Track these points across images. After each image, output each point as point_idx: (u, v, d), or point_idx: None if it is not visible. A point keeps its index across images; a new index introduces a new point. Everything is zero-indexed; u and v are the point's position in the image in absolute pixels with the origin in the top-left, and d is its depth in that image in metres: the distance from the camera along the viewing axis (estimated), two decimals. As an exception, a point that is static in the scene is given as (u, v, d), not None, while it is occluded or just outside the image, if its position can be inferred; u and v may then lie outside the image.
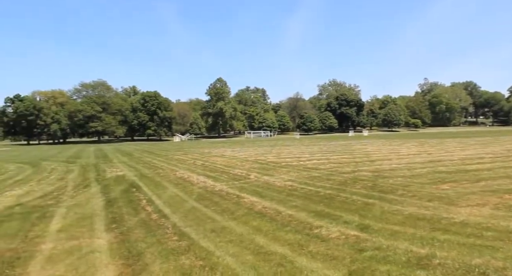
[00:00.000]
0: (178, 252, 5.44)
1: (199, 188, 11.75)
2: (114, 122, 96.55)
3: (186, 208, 8.79)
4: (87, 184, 13.68)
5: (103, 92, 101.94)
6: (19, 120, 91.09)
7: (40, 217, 8.24)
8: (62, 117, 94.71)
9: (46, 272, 4.83)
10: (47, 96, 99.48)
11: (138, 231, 6.75)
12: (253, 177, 14.00)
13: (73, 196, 11.19)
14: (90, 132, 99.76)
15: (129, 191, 11.75)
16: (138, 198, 10.36)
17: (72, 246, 5.97)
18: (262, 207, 8.51)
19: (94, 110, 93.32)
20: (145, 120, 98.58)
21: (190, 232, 6.53)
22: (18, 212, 8.94)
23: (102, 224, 7.44)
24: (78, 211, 8.83)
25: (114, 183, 13.92)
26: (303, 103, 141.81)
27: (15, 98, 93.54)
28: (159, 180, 14.23)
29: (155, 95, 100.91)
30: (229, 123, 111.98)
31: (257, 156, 25.08)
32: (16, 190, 12.60)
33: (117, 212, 8.55)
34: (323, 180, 12.53)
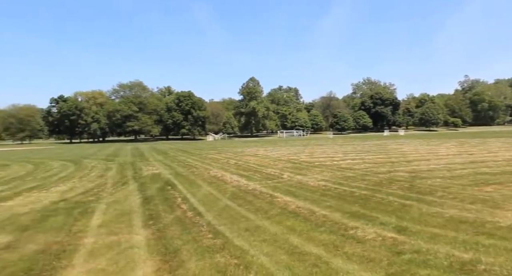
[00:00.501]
0: (213, 250, 5.50)
1: (232, 187, 11.84)
2: (150, 122, 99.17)
3: (220, 206, 8.88)
4: (125, 182, 14.12)
5: (139, 92, 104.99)
6: (62, 119, 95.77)
7: (82, 213, 8.59)
8: (101, 116, 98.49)
9: (89, 265, 5.03)
10: (87, 97, 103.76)
11: (174, 228, 6.88)
12: (286, 176, 13.95)
13: (112, 193, 11.59)
14: (127, 131, 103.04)
15: (165, 189, 12.01)
16: (173, 196, 10.57)
17: (112, 241, 6.18)
18: (295, 206, 8.46)
19: (131, 110, 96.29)
20: (179, 119, 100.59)
21: (225, 230, 6.58)
22: (63, 207, 9.36)
23: (140, 221, 7.65)
24: (117, 208, 9.13)
25: (150, 181, 14.28)
26: (337, 102, 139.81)
27: (59, 98, 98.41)
28: (194, 178, 14.46)
29: (189, 95, 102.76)
30: (261, 123, 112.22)
31: (290, 155, 24.96)
32: (61, 186, 13.22)
33: (154, 209, 8.76)
34: (357, 180, 12.29)
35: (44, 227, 7.31)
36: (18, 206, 9.68)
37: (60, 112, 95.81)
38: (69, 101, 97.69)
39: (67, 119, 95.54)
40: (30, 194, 11.63)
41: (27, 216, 8.39)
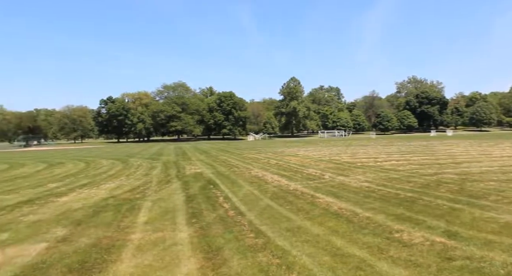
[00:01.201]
0: (255, 249, 5.53)
1: (273, 187, 11.84)
2: (192, 122, 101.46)
3: (261, 206, 8.91)
4: (168, 180, 14.54)
5: (182, 93, 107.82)
6: (111, 120, 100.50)
7: (129, 209, 8.95)
8: (146, 117, 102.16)
9: (136, 260, 5.23)
10: (134, 98, 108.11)
11: (216, 227, 6.99)
12: (328, 177, 13.75)
13: (157, 191, 11.98)
14: (171, 131, 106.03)
15: (207, 188, 12.24)
16: (215, 195, 10.74)
17: (157, 237, 6.39)
18: (338, 208, 8.32)
19: (174, 110, 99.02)
20: (220, 119, 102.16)
21: (266, 230, 6.60)
22: (112, 203, 9.81)
23: (183, 219, 7.84)
24: (161, 205, 9.42)
25: (193, 179, 14.60)
26: (380, 102, 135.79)
27: (108, 100, 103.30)
28: (235, 178, 14.62)
29: (230, 95, 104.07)
30: (302, 123, 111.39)
31: (331, 155, 24.59)
32: (109, 184, 13.86)
33: (197, 208, 8.95)
34: (402, 182, 11.87)
35: (95, 222, 7.69)
36: (72, 201, 10.26)
37: (109, 113, 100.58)
38: (117, 102, 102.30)
39: (115, 119, 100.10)
40: (82, 191, 12.29)
41: (80, 211, 8.86)
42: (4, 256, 5.53)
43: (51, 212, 8.83)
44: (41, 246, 5.97)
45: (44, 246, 5.97)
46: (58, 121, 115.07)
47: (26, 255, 5.52)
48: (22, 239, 6.46)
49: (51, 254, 5.57)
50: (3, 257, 5.46)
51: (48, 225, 7.51)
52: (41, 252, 5.69)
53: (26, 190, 12.89)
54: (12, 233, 6.88)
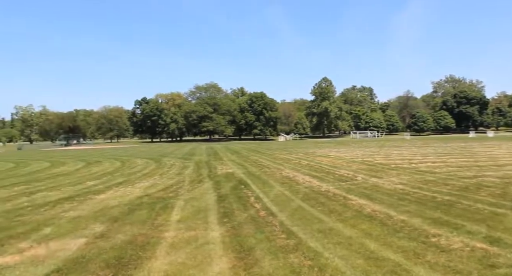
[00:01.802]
0: (287, 250, 5.51)
1: (305, 188, 11.76)
2: (223, 122, 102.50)
3: (292, 207, 8.87)
4: (200, 180, 14.75)
5: (214, 93, 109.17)
6: (145, 120, 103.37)
7: (163, 208, 9.16)
8: (179, 117, 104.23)
9: (170, 257, 5.34)
10: (167, 98, 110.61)
11: (247, 227, 7.02)
12: (360, 178, 13.50)
13: (189, 190, 12.18)
14: (202, 131, 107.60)
15: (238, 188, 12.31)
16: (246, 195, 10.79)
17: (190, 236, 6.49)
18: (371, 210, 8.14)
19: (206, 110, 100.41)
20: (251, 120, 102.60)
21: (298, 231, 6.56)
22: (146, 202, 10.08)
23: (215, 218, 7.93)
24: (194, 204, 9.57)
25: (225, 179, 14.74)
26: (415, 102, 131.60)
27: (142, 100, 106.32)
28: (266, 178, 14.63)
29: (261, 96, 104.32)
30: (334, 123, 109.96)
31: (364, 157, 24.11)
32: (144, 182, 14.24)
33: (228, 207, 9.03)
34: (439, 184, 11.46)
35: (131, 219, 7.92)
36: (108, 199, 10.63)
37: (143, 113, 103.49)
38: (151, 102, 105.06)
39: (149, 120, 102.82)
40: (118, 189, 12.70)
41: (116, 208, 9.16)
42: (48, 249, 5.81)
43: (89, 209, 9.18)
44: (80, 241, 6.22)
45: (83, 241, 6.22)
46: (95, 121, 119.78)
47: (67, 249, 5.77)
48: (63, 234, 6.75)
49: (90, 249, 5.79)
50: (46, 251, 5.74)
51: (87, 221, 7.82)
52: (81, 247, 5.93)
53: (66, 187, 13.48)
54: (55, 228, 7.22)
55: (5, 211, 9.15)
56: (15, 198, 11.23)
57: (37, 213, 8.76)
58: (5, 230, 7.12)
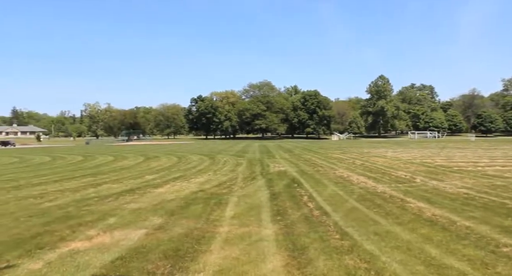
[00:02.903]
0: (341, 252, 5.40)
1: (359, 188, 11.45)
2: (276, 120, 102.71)
3: (346, 207, 8.68)
4: (253, 177, 14.91)
5: (267, 92, 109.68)
6: (200, 117, 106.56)
7: (217, 203, 9.38)
8: (232, 115, 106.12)
9: (224, 252, 5.46)
10: (221, 96, 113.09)
11: (300, 226, 6.98)
12: (419, 181, 12.86)
13: (242, 187, 12.36)
14: (255, 129, 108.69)
15: (291, 186, 12.28)
16: (299, 194, 10.73)
17: (243, 232, 6.58)
18: (431, 214, 7.73)
19: (259, 108, 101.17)
20: (304, 118, 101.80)
21: (352, 232, 6.40)
22: (201, 197, 10.39)
23: (268, 215, 7.97)
24: (247, 201, 9.69)
25: (277, 177, 14.76)
26: (481, 101, 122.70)
27: (198, 98, 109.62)
28: (319, 177, 14.44)
29: (315, 94, 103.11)
30: (390, 123, 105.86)
31: (423, 158, 22.96)
32: (199, 178, 14.68)
33: (281, 205, 9.03)
34: (510, 190, 10.60)
35: (187, 213, 8.20)
36: (166, 193, 11.09)
37: (199, 111, 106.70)
38: (206, 100, 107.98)
39: (204, 117, 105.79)
40: (175, 183, 13.21)
41: (173, 202, 9.53)
42: (112, 238, 6.19)
43: (149, 202, 9.65)
44: (141, 232, 6.55)
45: (143, 232, 6.54)
46: (154, 118, 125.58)
47: (130, 239, 6.11)
48: (126, 224, 7.16)
49: (149, 240, 6.08)
50: (111, 239, 6.12)
51: (147, 213, 8.22)
52: (141, 237, 6.25)
53: (128, 180, 14.27)
54: (118, 218, 7.68)
55: (75, 200, 9.90)
56: (83, 189, 12.10)
57: (103, 204, 9.37)
58: (76, 218, 7.69)
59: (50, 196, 10.63)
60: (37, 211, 8.58)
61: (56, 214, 8.15)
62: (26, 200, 10.13)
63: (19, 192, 11.64)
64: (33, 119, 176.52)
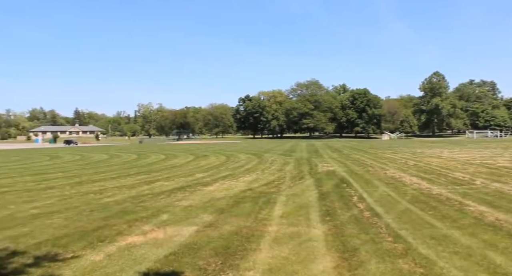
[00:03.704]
0: (395, 255, 5.20)
1: (413, 190, 10.98)
2: (324, 119, 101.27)
3: (399, 209, 8.35)
4: (301, 177, 14.80)
5: (315, 90, 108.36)
6: (248, 116, 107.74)
7: (265, 202, 9.42)
8: (280, 114, 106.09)
9: (273, 251, 5.47)
10: (269, 96, 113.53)
11: (350, 227, 6.82)
12: (479, 183, 12.08)
13: (290, 186, 12.32)
14: (303, 128, 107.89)
15: (340, 186, 12.05)
16: (349, 194, 10.50)
17: (292, 232, 6.56)
18: (494, 218, 7.23)
19: (307, 107, 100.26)
20: (353, 117, 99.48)
21: (406, 235, 6.14)
22: (249, 195, 10.49)
23: (317, 215, 7.87)
24: (295, 201, 9.65)
25: (326, 177, 14.55)
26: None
27: (245, 98, 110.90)
28: (369, 177, 14.04)
29: (364, 92, 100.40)
30: (446, 121, 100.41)
31: (483, 159, 21.54)
32: (247, 177, 14.84)
33: (330, 206, 8.89)
34: None
35: (236, 211, 8.32)
36: (215, 191, 11.33)
37: (246, 110, 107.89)
38: (254, 100, 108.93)
39: (252, 116, 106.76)
40: (224, 182, 13.45)
41: (222, 200, 9.71)
42: (166, 234, 6.43)
43: (199, 199, 9.91)
44: (192, 229, 6.74)
45: (194, 229, 6.73)
46: (203, 118, 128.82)
47: (181, 235, 6.31)
48: (178, 221, 7.41)
49: (200, 237, 6.23)
50: (164, 235, 6.36)
51: (197, 210, 8.44)
52: (192, 234, 6.42)
53: (179, 178, 14.75)
54: (171, 215, 7.96)
55: (131, 197, 10.41)
56: (138, 185, 12.68)
57: (156, 201, 9.76)
58: (132, 214, 8.08)
59: (109, 192, 11.27)
60: (98, 206, 9.12)
61: (114, 209, 8.61)
62: (87, 195, 10.81)
63: (81, 187, 12.44)
64: (93, 119, 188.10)
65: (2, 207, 9.10)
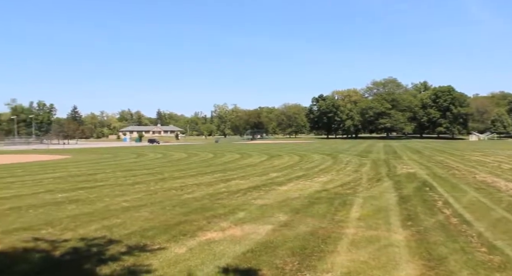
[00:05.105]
0: (490, 267, 4.72)
1: (509, 196, 9.92)
2: (402, 119, 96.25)
3: (493, 217, 7.59)
4: (379, 178, 14.19)
5: (393, 89, 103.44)
6: (321, 116, 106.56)
7: (341, 204, 9.18)
8: (355, 114, 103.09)
9: (351, 254, 5.30)
10: (343, 95, 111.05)
11: (436, 234, 6.35)
12: None
13: (367, 188, 11.88)
14: (379, 128, 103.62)
15: (422, 190, 11.34)
16: (432, 198, 9.82)
17: (371, 235, 6.29)
18: None
19: (384, 107, 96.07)
20: (436, 116, 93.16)
21: (503, 246, 5.55)
22: (324, 196, 10.31)
23: (397, 220, 7.47)
24: (373, 203, 9.27)
25: (405, 179, 13.79)
26: None
27: (319, 97, 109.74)
28: (455, 182, 13.00)
29: (448, 90, 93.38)
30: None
31: None
32: (321, 178, 14.63)
33: (411, 210, 8.39)
34: None
35: (311, 212, 8.23)
36: (290, 191, 11.33)
37: (320, 110, 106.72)
38: (328, 99, 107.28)
39: (325, 116, 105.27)
40: (298, 182, 13.41)
41: (297, 200, 9.67)
42: (243, 231, 6.58)
43: (273, 198, 9.98)
44: (268, 228, 6.81)
45: (270, 228, 6.79)
46: (276, 118, 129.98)
47: (258, 233, 6.40)
48: (254, 219, 7.54)
49: (276, 236, 6.27)
50: (241, 232, 6.51)
51: (272, 210, 8.50)
52: (268, 233, 6.49)
53: (254, 177, 15.03)
54: (247, 213, 8.13)
55: (209, 194, 10.84)
56: (215, 183, 13.18)
57: (232, 198, 10.05)
58: (210, 210, 8.41)
59: (189, 189, 11.86)
60: (179, 201, 9.65)
61: (194, 206, 9.04)
62: (170, 191, 11.50)
63: (164, 183, 13.28)
64: (173, 119, 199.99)
65: (99, 199, 10.06)
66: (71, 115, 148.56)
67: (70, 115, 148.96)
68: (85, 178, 15.15)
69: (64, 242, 5.97)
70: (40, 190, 11.92)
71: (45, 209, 8.70)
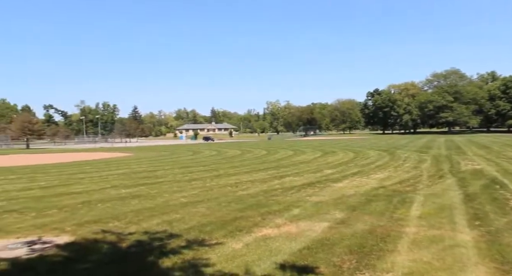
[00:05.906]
0: None
1: None
2: (466, 112, 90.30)
3: None
4: (441, 175, 13.44)
5: (455, 81, 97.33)
6: (376, 111, 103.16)
7: (400, 201, 8.82)
8: (413, 108, 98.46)
9: (413, 254, 5.07)
10: (400, 89, 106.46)
11: (508, 235, 5.89)
12: None
13: (428, 185, 11.30)
14: (440, 122, 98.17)
15: (491, 188, 10.56)
16: (504, 197, 9.11)
17: (434, 235, 5.98)
18: None
19: (445, 100, 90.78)
20: (505, 109, 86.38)
21: None
22: (382, 193, 9.96)
23: (463, 219, 7.03)
24: (435, 201, 8.80)
25: (471, 176, 12.94)
26: None
27: (374, 92, 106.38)
28: (531, 179, 11.94)
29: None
30: None
31: None
32: (378, 174, 14.15)
33: (479, 209, 7.85)
34: None
35: (368, 209, 7.99)
36: (345, 188, 11.08)
37: (375, 105, 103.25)
38: (383, 94, 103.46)
39: (381, 111, 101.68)
40: (353, 179, 13.08)
41: (353, 198, 9.44)
42: (298, 228, 6.55)
43: (329, 195, 9.82)
44: (324, 225, 6.71)
45: (326, 225, 6.69)
46: (329, 114, 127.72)
47: (314, 231, 6.34)
48: (309, 216, 7.47)
49: (332, 233, 6.16)
50: (297, 229, 6.49)
51: (328, 207, 8.37)
52: (324, 230, 6.39)
53: (308, 174, 14.90)
54: (302, 210, 8.08)
55: (263, 191, 10.92)
56: (269, 180, 13.24)
57: (286, 195, 10.03)
58: (265, 207, 8.47)
59: (243, 186, 12.04)
60: (234, 198, 9.83)
61: (249, 202, 9.15)
62: (225, 187, 11.75)
63: (219, 180, 13.60)
64: (227, 117, 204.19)
65: (159, 195, 10.54)
66: (132, 115, 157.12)
67: (131, 114, 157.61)
68: (146, 175, 15.95)
69: (129, 235, 6.33)
70: (106, 185, 12.74)
71: (111, 204, 9.29)
